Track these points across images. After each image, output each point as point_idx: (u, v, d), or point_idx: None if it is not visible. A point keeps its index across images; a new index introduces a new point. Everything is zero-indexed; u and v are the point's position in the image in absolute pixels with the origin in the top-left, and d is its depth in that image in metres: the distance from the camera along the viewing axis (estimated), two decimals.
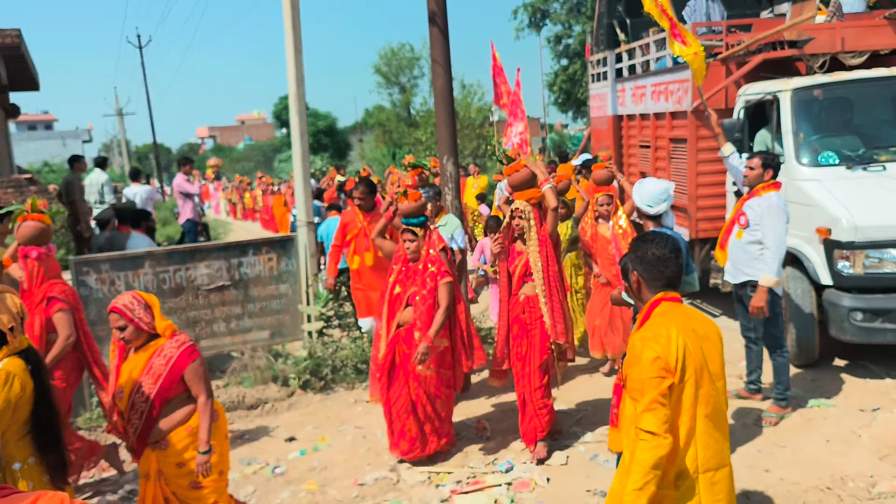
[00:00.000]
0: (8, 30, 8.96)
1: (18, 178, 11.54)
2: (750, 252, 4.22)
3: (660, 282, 2.19)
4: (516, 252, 3.99)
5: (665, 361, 2.01)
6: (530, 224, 3.84)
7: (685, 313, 2.18)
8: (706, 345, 2.13)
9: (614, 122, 8.46)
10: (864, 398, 4.49)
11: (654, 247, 2.18)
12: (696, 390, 2.05)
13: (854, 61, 5.71)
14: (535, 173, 3.86)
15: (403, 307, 3.88)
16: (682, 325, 2.10)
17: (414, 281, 3.84)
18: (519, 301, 3.97)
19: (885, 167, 4.91)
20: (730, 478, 2.12)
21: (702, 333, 2.15)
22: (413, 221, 3.85)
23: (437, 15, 6.21)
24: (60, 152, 30.18)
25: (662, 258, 2.17)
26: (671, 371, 2.02)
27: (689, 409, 2.05)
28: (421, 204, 3.88)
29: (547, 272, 3.84)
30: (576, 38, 19.68)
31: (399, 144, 28.37)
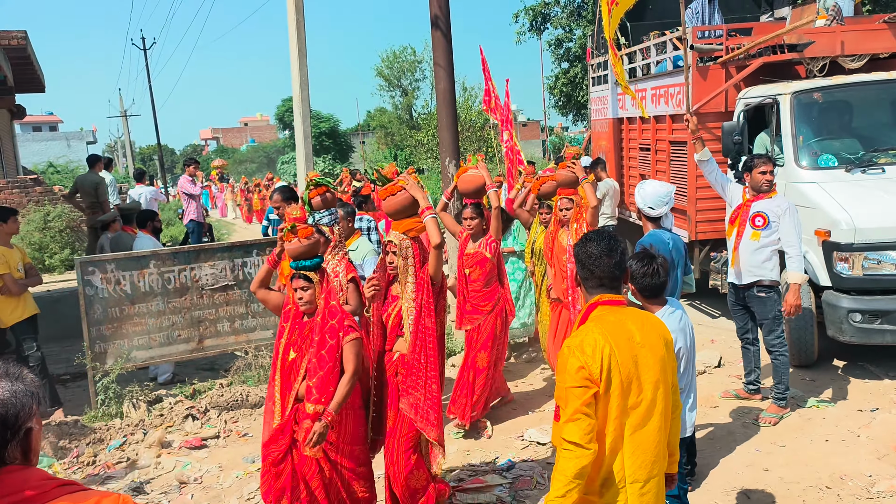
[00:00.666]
0: (14, 32, 9.03)
1: (24, 178, 11.62)
2: (763, 253, 4.22)
3: (591, 281, 2.10)
4: (392, 296, 3.27)
5: (588, 371, 1.93)
6: (407, 263, 3.12)
7: (622, 318, 2.06)
8: (643, 352, 2.01)
9: (614, 125, 8.51)
10: (863, 398, 4.52)
11: (590, 245, 2.11)
12: (622, 401, 1.96)
13: (853, 65, 5.75)
14: (416, 198, 3.13)
15: (301, 377, 2.94)
16: (614, 331, 2.00)
17: (311, 341, 2.92)
18: (392, 359, 3.22)
19: (884, 170, 4.95)
20: (660, 489, 2.04)
21: (639, 340, 2.02)
22: (305, 264, 2.95)
23: (439, 19, 6.27)
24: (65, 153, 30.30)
25: (593, 256, 2.08)
26: (595, 381, 1.94)
27: (614, 419, 1.97)
28: (312, 243, 2.97)
29: (418, 327, 3.09)
30: (576, 41, 19.71)
31: (401, 146, 28.44)
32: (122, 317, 5.18)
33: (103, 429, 4.74)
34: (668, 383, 2.07)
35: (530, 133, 46.58)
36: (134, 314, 5.20)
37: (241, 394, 5.27)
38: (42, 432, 1.36)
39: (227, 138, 58.69)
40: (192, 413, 4.98)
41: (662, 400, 2.03)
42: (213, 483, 4.06)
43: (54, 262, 11.02)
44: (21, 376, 1.31)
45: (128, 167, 35.42)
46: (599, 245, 2.09)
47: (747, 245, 4.27)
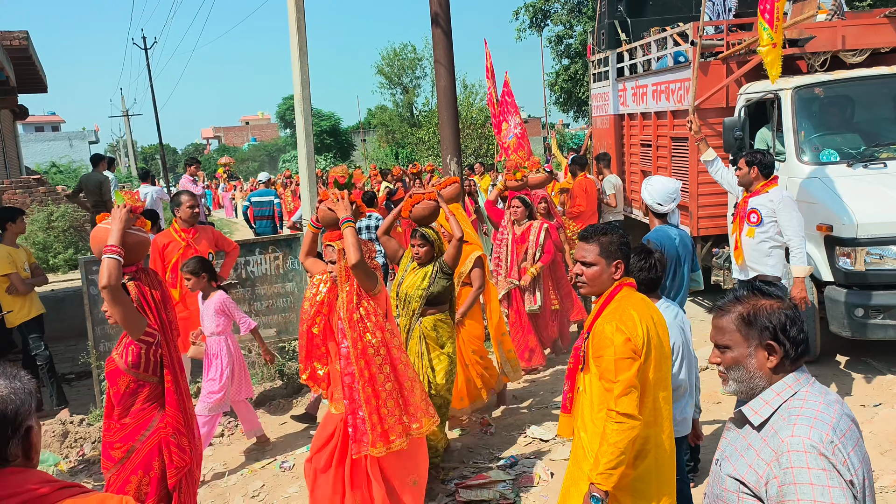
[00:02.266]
0: (16, 32, 9.04)
1: (27, 178, 11.66)
2: (761, 249, 4.25)
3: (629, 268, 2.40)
4: None
5: (634, 343, 2.10)
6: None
7: (641, 298, 2.30)
8: (660, 329, 2.25)
9: (615, 122, 8.50)
10: (866, 394, 4.53)
11: (622, 235, 2.36)
12: (657, 373, 2.17)
13: (855, 59, 5.74)
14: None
15: None
16: (642, 309, 2.21)
17: None
18: None
19: (886, 164, 4.94)
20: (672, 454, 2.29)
21: (657, 319, 2.26)
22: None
23: (439, 16, 6.27)
24: (67, 153, 30.34)
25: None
26: (638, 353, 2.11)
27: (650, 390, 2.15)
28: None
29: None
30: (577, 38, 19.68)
31: (402, 144, 28.44)
32: None
33: None
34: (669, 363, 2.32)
35: (531, 130, 46.41)
36: None
37: None
38: (41, 433, 1.35)
39: (229, 137, 58.73)
40: None
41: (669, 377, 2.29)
42: (217, 481, 4.08)
43: (58, 261, 11.05)
44: (18, 376, 1.31)
45: (130, 167, 35.46)
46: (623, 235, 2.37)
47: (747, 242, 4.31)
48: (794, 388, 1.50)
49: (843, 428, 1.44)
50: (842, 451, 1.39)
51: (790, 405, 1.48)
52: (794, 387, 1.50)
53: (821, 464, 1.37)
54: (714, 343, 1.61)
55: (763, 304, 1.53)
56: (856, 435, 1.47)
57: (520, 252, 5.33)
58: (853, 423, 1.49)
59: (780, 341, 1.50)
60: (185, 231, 4.72)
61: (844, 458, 1.39)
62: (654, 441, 2.20)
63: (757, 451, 1.47)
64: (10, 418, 1.25)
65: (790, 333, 1.50)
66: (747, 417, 1.53)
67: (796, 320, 1.52)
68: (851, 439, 1.44)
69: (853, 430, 1.47)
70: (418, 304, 3.70)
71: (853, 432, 1.47)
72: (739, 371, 1.55)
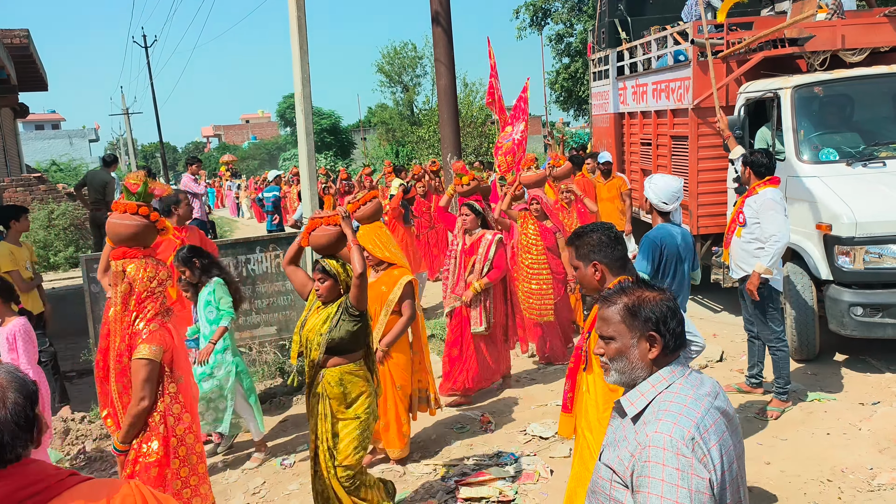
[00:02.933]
0: (16, 30, 9.05)
1: (28, 177, 11.68)
2: (748, 249, 4.29)
3: (618, 263, 2.31)
4: None
5: None
6: None
7: None
8: None
9: (616, 120, 8.51)
10: (865, 392, 4.54)
11: (599, 233, 2.32)
12: None
13: (854, 59, 5.75)
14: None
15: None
16: None
17: None
18: None
19: (886, 164, 4.95)
20: None
21: None
22: None
23: (440, 15, 6.28)
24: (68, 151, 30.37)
25: (616, 239, 2.32)
26: None
27: None
28: None
29: None
30: (577, 36, 19.69)
31: (402, 143, 28.42)
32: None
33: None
34: None
35: (531, 128, 46.48)
36: None
37: None
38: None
39: (229, 135, 58.68)
40: None
41: None
42: (218, 478, 4.10)
43: (59, 259, 11.07)
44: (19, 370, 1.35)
45: (130, 165, 35.44)
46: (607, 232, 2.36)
47: (735, 242, 4.37)
48: (668, 379, 1.54)
49: (709, 423, 1.48)
50: (702, 447, 1.43)
51: (663, 397, 1.52)
52: (669, 378, 1.54)
53: (676, 462, 1.41)
54: (598, 334, 1.63)
55: (647, 296, 1.57)
56: (722, 428, 1.50)
57: (468, 264, 4.79)
58: (722, 416, 1.52)
59: (661, 332, 1.54)
60: (177, 229, 4.72)
61: (704, 453, 1.43)
62: None
63: (628, 442, 1.51)
64: (34, 399, 1.30)
65: (670, 325, 1.54)
66: (624, 409, 1.57)
67: (676, 312, 1.55)
68: (716, 433, 1.47)
69: (720, 423, 1.50)
70: (318, 353, 3.01)
71: (719, 426, 1.50)
72: (622, 362, 1.57)
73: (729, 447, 1.50)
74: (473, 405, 4.86)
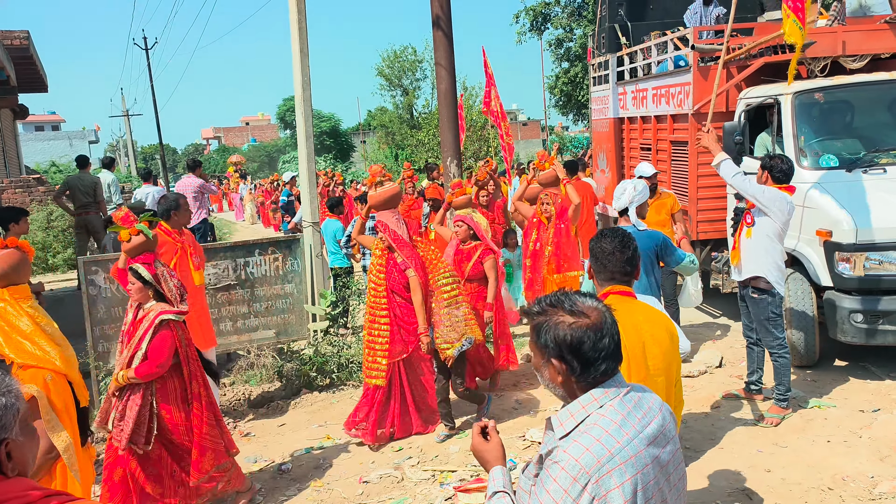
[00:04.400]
0: (17, 32, 9.05)
1: (27, 178, 11.66)
2: (757, 248, 4.24)
3: (603, 274, 2.29)
4: None
5: None
6: None
7: (632, 308, 2.21)
8: (649, 342, 2.15)
9: (615, 125, 8.51)
10: (865, 399, 4.52)
11: (604, 241, 2.30)
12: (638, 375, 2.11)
13: (855, 65, 5.75)
14: None
15: None
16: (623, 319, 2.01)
17: None
18: None
19: (886, 170, 4.95)
20: None
21: (647, 330, 2.16)
22: None
23: (441, 19, 6.28)
24: (67, 152, 30.35)
25: (606, 251, 2.27)
26: None
27: None
28: None
29: None
30: (577, 41, 19.72)
31: (402, 146, 28.46)
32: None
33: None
34: (671, 376, 2.19)
35: (531, 132, 46.59)
36: None
37: (243, 393, 5.29)
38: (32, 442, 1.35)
39: (229, 137, 58.73)
40: None
41: (664, 391, 2.15)
42: None
43: (57, 261, 11.04)
44: (9, 390, 1.31)
45: (130, 167, 35.44)
46: (613, 241, 2.27)
47: (744, 241, 4.33)
48: (600, 401, 1.45)
49: (629, 454, 1.39)
50: (612, 479, 1.36)
51: (591, 419, 1.44)
52: (601, 400, 1.45)
53: (568, 486, 1.35)
54: None
55: (552, 321, 1.46)
56: (644, 461, 1.41)
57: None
58: (651, 446, 1.44)
59: (564, 359, 1.45)
60: (175, 233, 4.71)
61: (610, 488, 1.35)
62: None
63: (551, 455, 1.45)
64: None
65: (581, 351, 1.44)
66: (553, 427, 1.49)
67: (587, 339, 1.44)
68: (634, 466, 1.39)
69: (642, 456, 1.41)
70: None
71: (641, 458, 1.41)
72: (542, 378, 1.53)
73: (649, 481, 1.41)
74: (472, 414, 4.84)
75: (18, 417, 1.32)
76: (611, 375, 1.48)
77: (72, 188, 8.55)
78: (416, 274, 4.14)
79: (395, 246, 4.20)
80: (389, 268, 4.23)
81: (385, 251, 4.25)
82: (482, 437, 1.65)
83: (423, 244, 4.40)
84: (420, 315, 4.15)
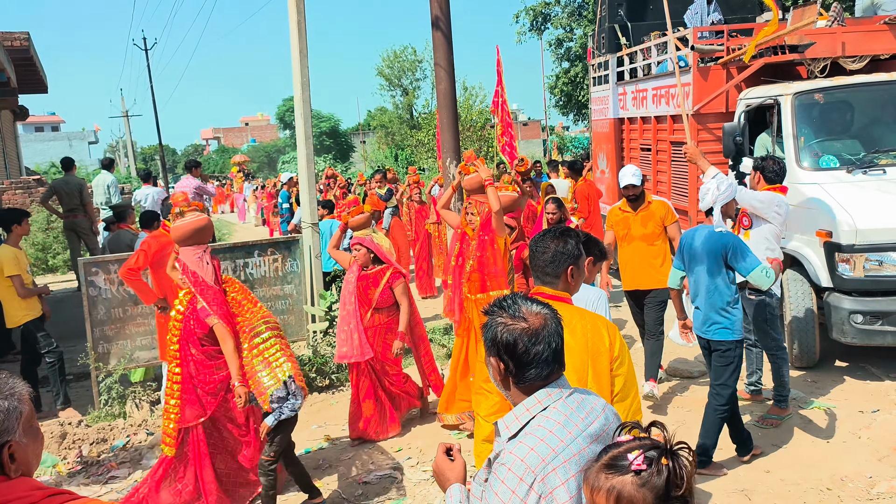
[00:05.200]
0: (17, 33, 9.05)
1: (27, 179, 11.66)
2: (755, 250, 4.24)
3: (533, 272, 2.20)
4: None
5: None
6: None
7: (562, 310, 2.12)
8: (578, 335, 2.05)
9: (615, 125, 8.52)
10: (864, 400, 4.53)
11: (537, 240, 2.18)
12: None
13: (855, 66, 5.76)
14: None
15: None
16: None
17: None
18: None
19: (886, 171, 4.95)
20: None
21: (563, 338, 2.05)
22: None
23: (440, 20, 6.28)
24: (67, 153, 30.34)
25: (532, 251, 2.17)
26: None
27: None
28: None
29: None
30: (577, 41, 19.72)
31: (401, 146, 28.46)
32: (125, 317, 5.19)
33: (106, 429, 4.76)
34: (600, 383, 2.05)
35: (531, 132, 46.58)
36: (137, 314, 5.22)
37: None
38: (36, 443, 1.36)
39: (228, 138, 58.72)
40: None
41: None
42: None
43: (57, 262, 11.05)
44: (11, 393, 1.32)
45: (129, 167, 35.46)
46: (542, 241, 2.15)
47: None
48: (544, 402, 1.49)
49: (572, 452, 1.43)
50: (556, 477, 1.39)
51: (536, 421, 1.47)
52: (545, 402, 1.49)
53: (515, 486, 1.39)
54: None
55: (493, 321, 1.52)
56: (586, 458, 1.43)
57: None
58: (594, 443, 1.46)
59: (502, 359, 1.50)
60: None
61: (556, 485, 1.39)
62: None
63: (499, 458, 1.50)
64: None
65: (514, 352, 1.47)
66: (499, 432, 1.53)
67: (521, 342, 1.47)
68: (578, 464, 1.42)
69: (585, 452, 1.44)
70: None
71: (584, 455, 1.44)
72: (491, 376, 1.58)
73: None
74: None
75: (21, 420, 1.33)
76: (553, 379, 1.51)
77: (57, 192, 8.42)
78: (219, 321, 3.44)
79: (196, 290, 3.49)
80: (187, 315, 3.53)
81: (188, 294, 3.56)
82: (446, 457, 1.67)
83: (233, 286, 3.66)
84: (233, 365, 3.42)
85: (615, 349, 2.10)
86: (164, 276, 4.61)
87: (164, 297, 4.68)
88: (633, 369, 2.15)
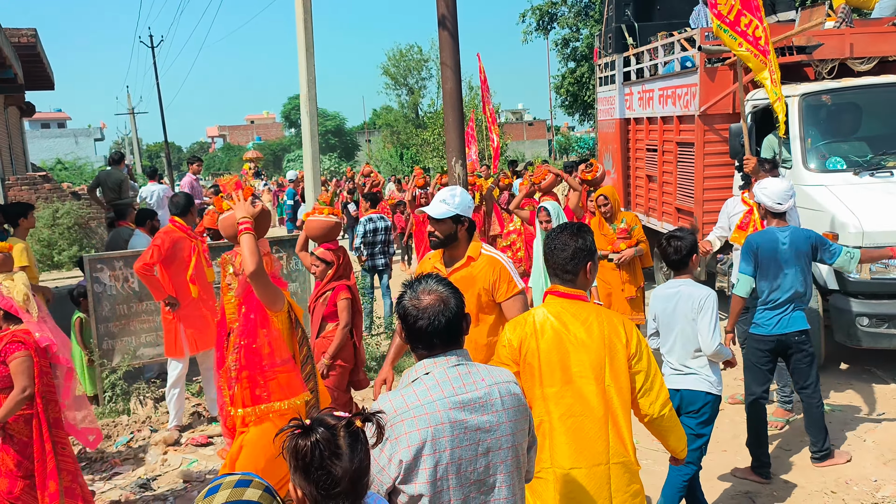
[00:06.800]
0: (24, 30, 9.10)
1: (33, 175, 11.71)
2: None
3: (549, 270, 2.22)
4: None
5: (510, 348, 2.14)
6: None
7: (561, 311, 2.12)
8: (576, 348, 2.08)
9: (621, 126, 8.49)
10: (869, 403, 4.51)
11: (554, 236, 2.20)
12: (540, 389, 2.09)
13: (862, 67, 5.72)
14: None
15: None
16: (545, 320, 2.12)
17: None
18: None
19: (893, 173, 4.93)
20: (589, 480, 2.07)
21: (577, 335, 2.08)
22: None
23: (446, 19, 6.27)
24: (73, 150, 30.51)
25: (549, 247, 2.18)
26: (515, 360, 2.13)
27: (539, 404, 2.09)
28: None
29: None
30: (583, 41, 19.67)
31: (407, 145, 28.47)
32: (129, 314, 5.21)
33: (110, 425, 4.78)
34: (618, 380, 2.09)
35: (536, 132, 46.51)
36: (142, 311, 5.23)
37: None
38: None
39: (234, 136, 58.85)
40: (199, 410, 5.01)
41: (597, 396, 2.08)
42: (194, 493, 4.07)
43: (62, 258, 11.09)
44: None
45: (135, 164, 35.60)
46: (560, 238, 2.18)
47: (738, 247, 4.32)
48: (427, 368, 1.68)
49: (424, 410, 1.59)
50: (401, 427, 1.58)
51: (417, 382, 1.66)
52: (428, 367, 1.68)
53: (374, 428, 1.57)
54: None
55: (403, 294, 1.74)
56: (439, 419, 1.58)
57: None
58: (457, 410, 1.61)
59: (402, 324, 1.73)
60: (190, 229, 4.82)
61: (400, 433, 1.57)
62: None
63: None
64: None
65: (405, 322, 1.70)
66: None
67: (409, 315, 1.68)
68: (427, 422, 1.58)
69: (440, 414, 1.59)
70: None
71: (437, 416, 1.58)
72: None
73: (443, 437, 1.58)
74: None
75: None
76: (443, 351, 1.68)
77: (101, 183, 8.63)
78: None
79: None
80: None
81: None
82: None
83: None
84: None
85: (632, 345, 2.12)
86: (174, 272, 4.63)
87: (175, 293, 4.68)
88: (654, 363, 2.17)
